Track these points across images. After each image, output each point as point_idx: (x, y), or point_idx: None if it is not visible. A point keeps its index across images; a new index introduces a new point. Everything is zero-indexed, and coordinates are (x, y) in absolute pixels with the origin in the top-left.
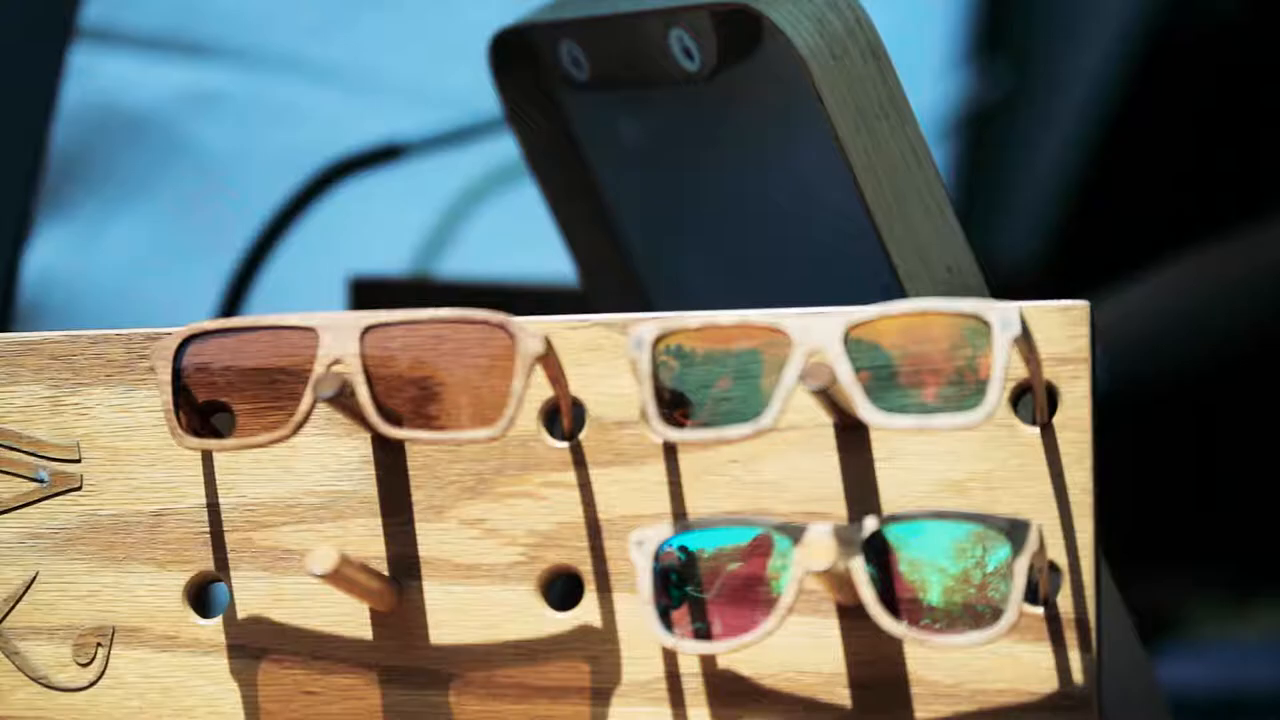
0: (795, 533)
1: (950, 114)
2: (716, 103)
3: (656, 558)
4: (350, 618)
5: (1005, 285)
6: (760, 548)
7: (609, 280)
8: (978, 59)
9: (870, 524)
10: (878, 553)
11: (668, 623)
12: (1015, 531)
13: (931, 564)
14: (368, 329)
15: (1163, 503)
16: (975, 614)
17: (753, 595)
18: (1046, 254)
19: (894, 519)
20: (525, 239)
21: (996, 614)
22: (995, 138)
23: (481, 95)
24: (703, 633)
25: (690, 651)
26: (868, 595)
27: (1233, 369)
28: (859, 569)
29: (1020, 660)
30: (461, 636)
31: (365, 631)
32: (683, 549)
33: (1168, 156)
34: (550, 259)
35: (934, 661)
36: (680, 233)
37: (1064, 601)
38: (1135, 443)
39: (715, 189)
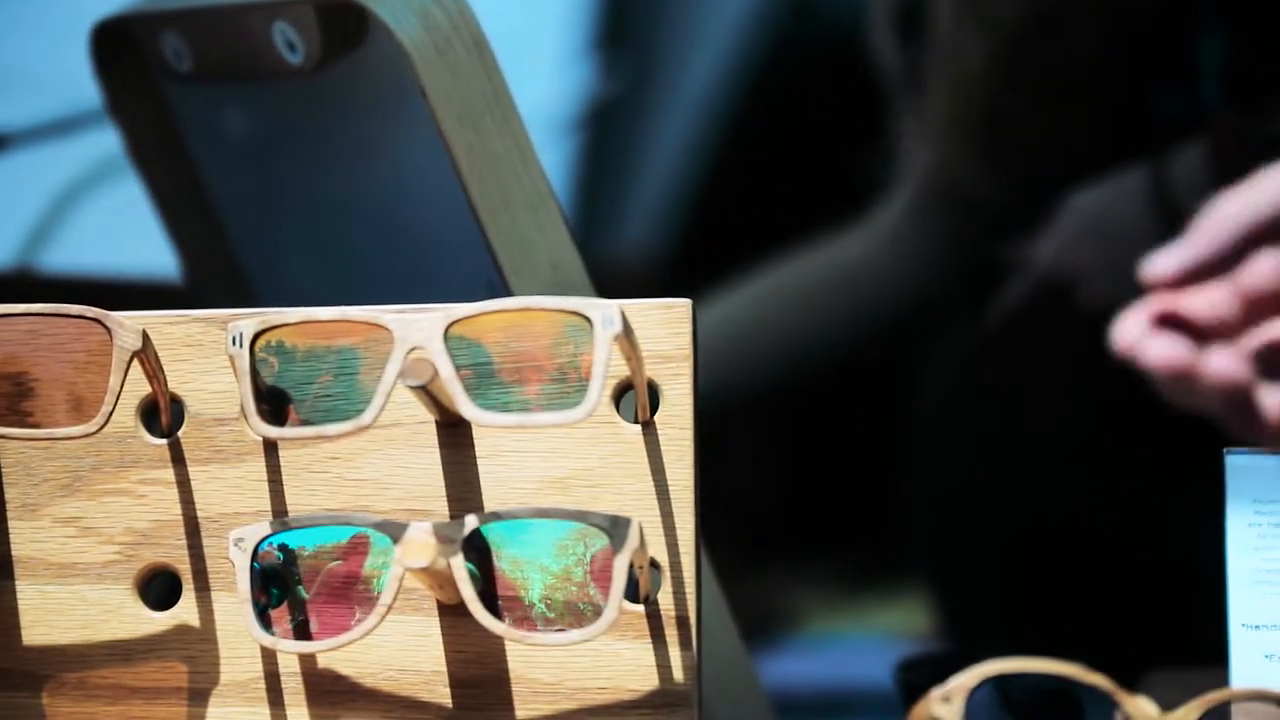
0: (395, 530)
1: (571, 109)
2: (322, 96)
3: (255, 556)
4: None
5: (621, 282)
6: (360, 546)
7: (214, 276)
8: (599, 54)
9: (471, 522)
10: (479, 550)
11: (266, 622)
12: (616, 529)
13: (533, 562)
14: None
15: (769, 500)
16: (577, 612)
17: (353, 593)
18: (663, 252)
19: (495, 516)
20: (131, 233)
21: (597, 612)
22: (616, 133)
23: (90, 84)
24: (302, 632)
25: (289, 650)
26: (468, 593)
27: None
28: (459, 567)
29: (621, 658)
30: (55, 637)
31: None
32: (282, 547)
33: (782, 158)
34: (156, 254)
35: (536, 659)
36: (289, 227)
37: (665, 599)
38: (740, 442)
39: (323, 183)
